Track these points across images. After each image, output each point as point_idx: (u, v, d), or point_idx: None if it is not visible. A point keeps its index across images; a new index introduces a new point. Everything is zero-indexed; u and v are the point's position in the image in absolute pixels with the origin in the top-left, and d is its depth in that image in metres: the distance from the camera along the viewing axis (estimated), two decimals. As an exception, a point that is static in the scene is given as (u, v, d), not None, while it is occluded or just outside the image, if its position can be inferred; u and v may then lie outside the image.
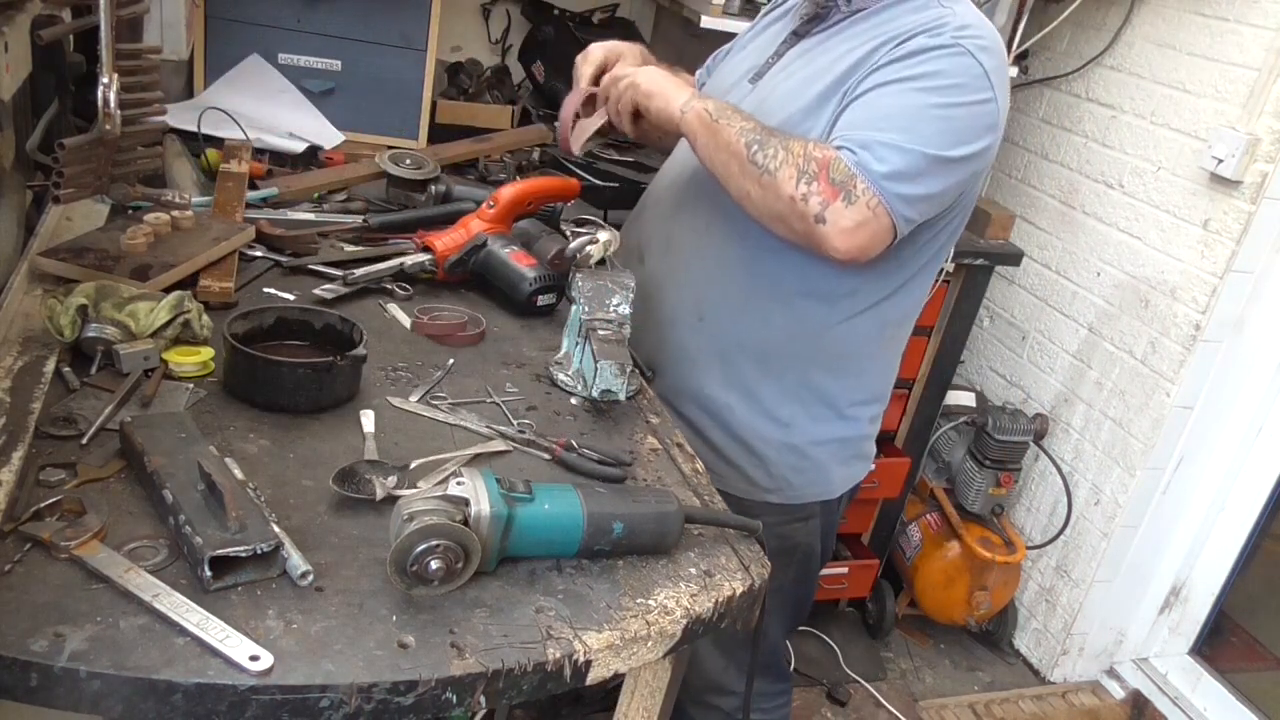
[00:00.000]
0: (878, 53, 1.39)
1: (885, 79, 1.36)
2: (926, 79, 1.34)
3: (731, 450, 1.59)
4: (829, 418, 1.58)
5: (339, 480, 1.05)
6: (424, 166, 1.89)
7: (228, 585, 0.89)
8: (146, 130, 1.51)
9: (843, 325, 1.51)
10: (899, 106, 1.33)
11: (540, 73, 2.75)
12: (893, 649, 2.93)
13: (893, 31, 1.41)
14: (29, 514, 0.92)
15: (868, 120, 1.34)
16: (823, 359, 1.54)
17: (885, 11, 1.45)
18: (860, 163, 1.30)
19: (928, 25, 1.38)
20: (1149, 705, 2.77)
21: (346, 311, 1.34)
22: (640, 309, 1.59)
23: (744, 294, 1.52)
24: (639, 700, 1.17)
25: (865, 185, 1.30)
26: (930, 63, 1.34)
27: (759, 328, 1.52)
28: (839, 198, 1.30)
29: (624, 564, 1.05)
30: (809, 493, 1.63)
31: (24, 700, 0.79)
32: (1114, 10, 2.66)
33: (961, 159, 1.35)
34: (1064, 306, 2.84)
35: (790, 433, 1.57)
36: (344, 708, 0.82)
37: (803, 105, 1.44)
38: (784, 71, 1.52)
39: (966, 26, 1.37)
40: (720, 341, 1.55)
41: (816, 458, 1.60)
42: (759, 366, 1.54)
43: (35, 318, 1.23)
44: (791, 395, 1.55)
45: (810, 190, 1.30)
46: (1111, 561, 2.72)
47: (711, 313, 1.54)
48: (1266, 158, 2.31)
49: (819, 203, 1.30)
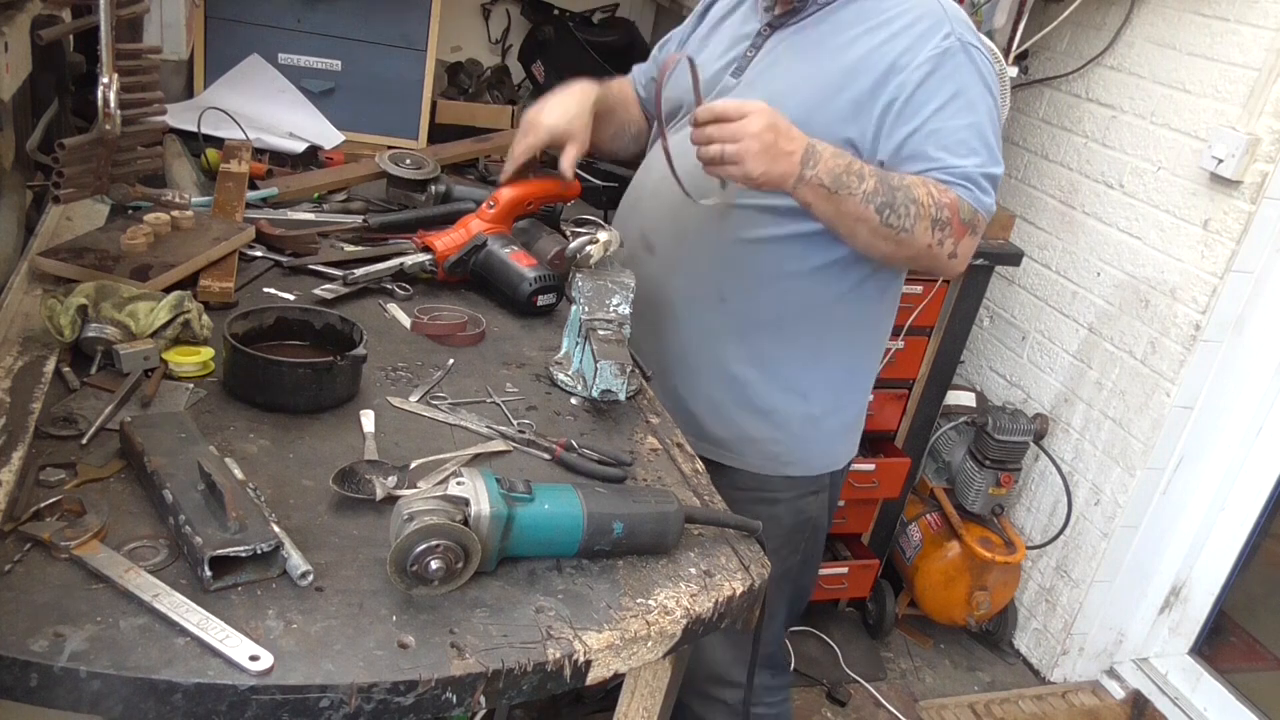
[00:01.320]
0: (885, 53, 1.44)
1: (938, 101, 1.43)
2: (968, 90, 1.44)
3: (753, 425, 1.63)
4: (841, 387, 1.66)
5: (339, 480, 1.05)
6: (424, 166, 1.89)
7: (228, 585, 0.89)
8: (146, 130, 1.51)
9: (852, 293, 1.57)
10: (968, 127, 1.44)
11: (540, 73, 2.75)
12: (893, 649, 2.93)
13: (889, 26, 1.46)
14: (29, 514, 0.92)
15: (951, 149, 1.43)
16: (836, 327, 1.61)
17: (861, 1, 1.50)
18: (976, 199, 1.43)
19: (925, 21, 1.45)
20: (1149, 705, 2.77)
21: (346, 311, 1.34)
22: (655, 296, 1.62)
23: (765, 272, 1.56)
24: (639, 700, 1.17)
25: (982, 217, 1.45)
26: (962, 72, 1.44)
27: (778, 303, 1.57)
28: (967, 234, 1.44)
29: (624, 564, 1.05)
30: (821, 463, 1.69)
31: (24, 700, 0.79)
32: (1114, 10, 2.66)
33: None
34: (1064, 306, 2.84)
35: (809, 403, 1.63)
36: (344, 708, 0.82)
37: (816, 101, 1.46)
38: (775, 67, 1.54)
39: (956, 20, 1.46)
40: (741, 319, 1.59)
41: (829, 427, 1.67)
42: (778, 340, 1.59)
43: (35, 318, 1.23)
44: (809, 365, 1.61)
45: (945, 235, 1.42)
46: (1111, 561, 2.72)
47: (733, 293, 1.58)
48: (1266, 158, 2.31)
49: (953, 244, 1.43)
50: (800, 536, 1.72)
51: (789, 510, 1.68)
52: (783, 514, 1.67)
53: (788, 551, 1.69)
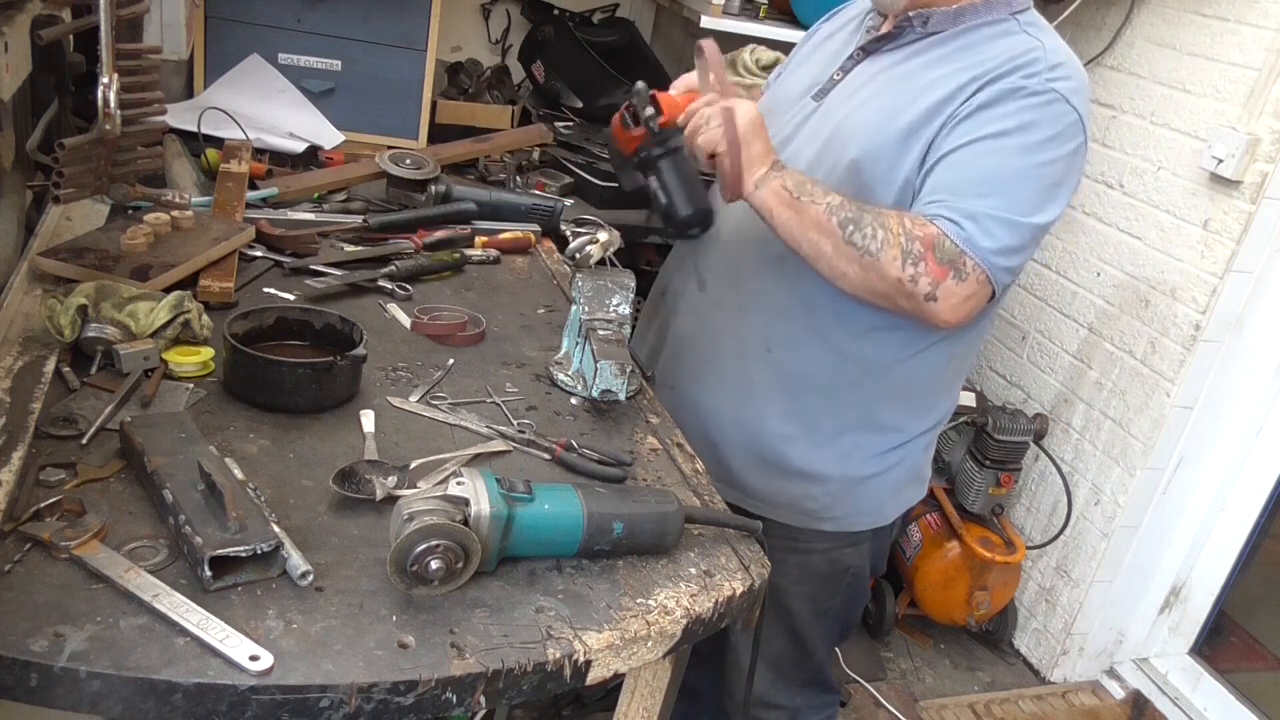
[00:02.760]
0: (965, 89, 1.32)
1: (979, 133, 1.29)
2: (1022, 133, 1.28)
3: (788, 481, 1.53)
4: (888, 448, 1.54)
5: (339, 480, 1.05)
6: (424, 166, 1.89)
7: (228, 585, 0.89)
8: (146, 130, 1.51)
9: (913, 360, 1.47)
10: (998, 168, 1.28)
11: (540, 73, 2.75)
12: (893, 649, 2.93)
13: (982, 64, 1.33)
14: (29, 514, 0.92)
15: (967, 184, 1.28)
16: (889, 393, 1.49)
17: (966, 35, 1.37)
18: (969, 239, 1.26)
19: (1018, 60, 1.31)
20: (1149, 705, 2.77)
21: (346, 311, 1.34)
22: (700, 339, 1.55)
23: (815, 327, 1.46)
24: (639, 700, 1.17)
25: (974, 262, 1.27)
26: (1026, 113, 1.28)
27: (828, 361, 1.47)
28: (949, 276, 1.26)
29: (624, 564, 1.05)
30: (862, 521, 1.58)
31: (24, 700, 0.79)
32: (1114, 10, 2.66)
33: (1059, 214, 1.34)
34: (1064, 306, 2.84)
35: (848, 463, 1.52)
36: (344, 708, 0.82)
37: (887, 140, 1.36)
38: (855, 95, 1.43)
39: (1058, 65, 1.31)
40: (786, 373, 1.49)
41: (873, 487, 1.56)
42: (824, 399, 1.49)
43: (35, 318, 1.24)
44: (853, 426, 1.51)
45: (918, 271, 1.26)
46: (1111, 561, 2.72)
47: (779, 345, 1.49)
48: (1266, 158, 2.31)
49: (929, 283, 1.27)
50: (838, 583, 1.62)
51: (823, 560, 1.58)
52: (816, 563, 1.58)
53: (825, 595, 1.62)
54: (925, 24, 1.40)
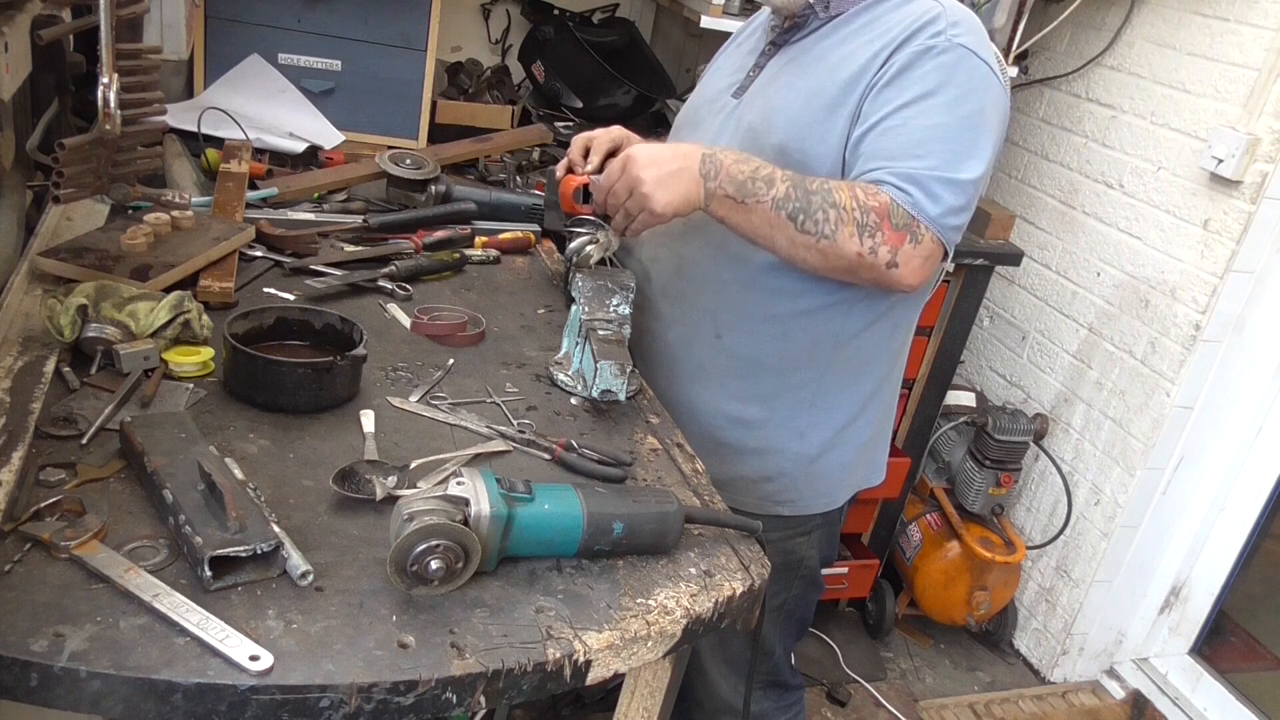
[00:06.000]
0: (878, 58, 1.37)
1: (903, 98, 1.34)
2: (943, 91, 1.33)
3: (746, 463, 1.56)
4: (841, 425, 1.57)
5: (339, 480, 1.05)
6: (424, 166, 1.89)
7: (228, 585, 0.89)
8: (146, 130, 1.51)
9: (863, 334, 1.50)
10: (929, 128, 1.32)
11: (540, 73, 2.75)
12: (893, 649, 2.93)
13: (889, 32, 1.39)
14: (29, 514, 0.92)
15: (903, 149, 1.32)
16: (841, 367, 1.53)
17: (869, 10, 1.44)
18: (915, 204, 1.30)
19: (921, 21, 1.37)
20: (1149, 705, 2.77)
21: (346, 311, 1.34)
22: (651, 328, 1.58)
23: (763, 310, 1.49)
24: (639, 700, 1.17)
25: (925, 225, 1.31)
26: (942, 71, 1.34)
27: (779, 341, 1.50)
28: (906, 241, 1.31)
29: (624, 564, 1.05)
30: (815, 504, 1.62)
31: (24, 700, 0.79)
32: (1114, 10, 2.66)
33: (992, 162, 1.38)
34: (1064, 306, 2.84)
35: (805, 442, 1.56)
36: (344, 708, 0.82)
37: (809, 119, 1.41)
38: (772, 83, 1.49)
39: (958, 23, 1.37)
40: (738, 357, 1.53)
41: (827, 467, 1.59)
42: (778, 379, 1.53)
43: (35, 318, 1.24)
44: (808, 404, 1.54)
45: (876, 242, 1.30)
46: (1111, 561, 2.72)
47: (729, 330, 1.52)
48: (1266, 158, 2.31)
49: (888, 251, 1.31)
50: (790, 575, 1.65)
51: (776, 551, 1.56)
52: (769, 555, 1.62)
53: (779, 588, 1.63)
54: (827, 7, 1.47)
